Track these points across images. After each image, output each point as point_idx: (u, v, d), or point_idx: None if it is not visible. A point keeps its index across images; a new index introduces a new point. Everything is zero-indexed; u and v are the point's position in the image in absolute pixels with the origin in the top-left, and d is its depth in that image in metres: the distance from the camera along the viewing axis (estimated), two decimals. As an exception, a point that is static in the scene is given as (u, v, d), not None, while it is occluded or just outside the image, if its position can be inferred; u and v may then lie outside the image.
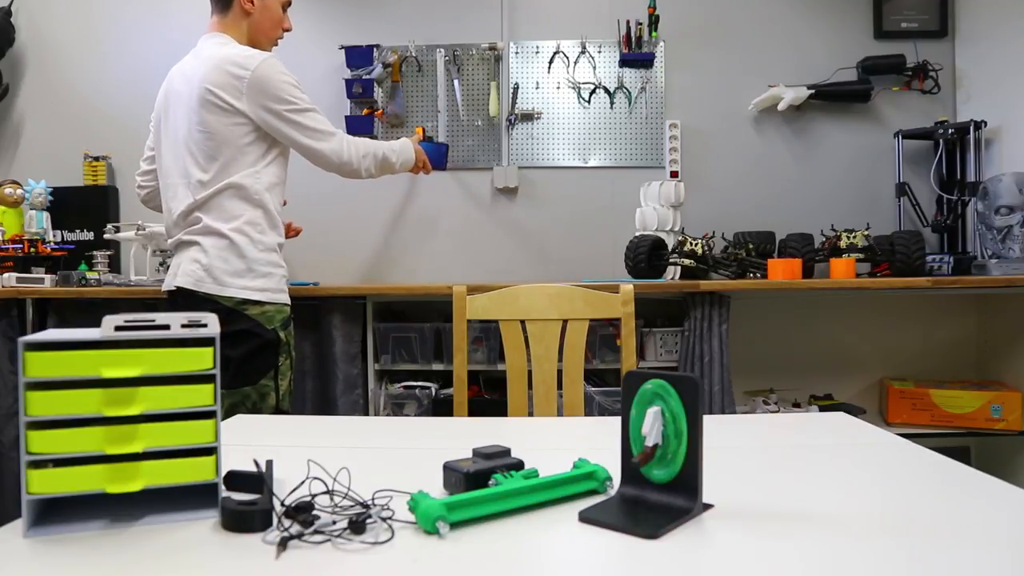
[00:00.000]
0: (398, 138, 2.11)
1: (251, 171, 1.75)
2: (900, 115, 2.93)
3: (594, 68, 2.98)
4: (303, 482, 0.76)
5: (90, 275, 2.56)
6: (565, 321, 1.63)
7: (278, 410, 1.79)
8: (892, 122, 2.93)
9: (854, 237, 2.50)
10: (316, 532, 0.65)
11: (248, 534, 0.66)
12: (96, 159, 2.94)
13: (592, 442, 1.06)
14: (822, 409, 2.66)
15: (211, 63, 1.73)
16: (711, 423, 1.09)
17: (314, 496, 0.73)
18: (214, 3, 1.85)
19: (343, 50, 2.92)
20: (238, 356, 1.72)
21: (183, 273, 1.74)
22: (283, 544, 0.63)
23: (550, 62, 2.99)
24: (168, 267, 1.87)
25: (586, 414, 1.88)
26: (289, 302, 1.85)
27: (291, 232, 2.35)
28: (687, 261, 2.50)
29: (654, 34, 2.93)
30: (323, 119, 1.84)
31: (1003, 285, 2.31)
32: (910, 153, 2.91)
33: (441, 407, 2.44)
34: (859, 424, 1.15)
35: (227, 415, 1.42)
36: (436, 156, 2.85)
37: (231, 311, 1.71)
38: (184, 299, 1.74)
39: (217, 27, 1.84)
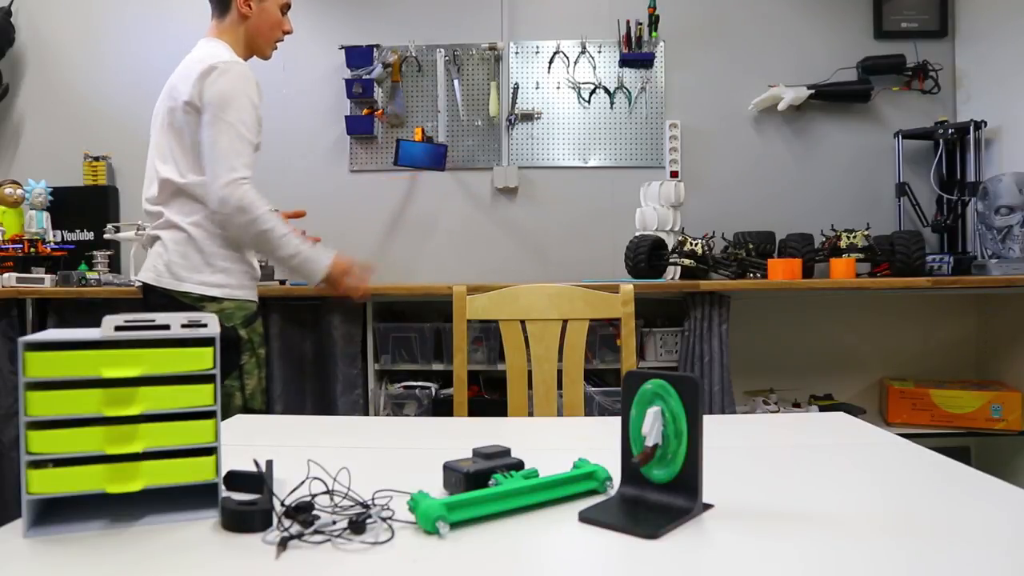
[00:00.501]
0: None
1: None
2: (900, 115, 2.93)
3: (594, 68, 2.98)
4: (303, 482, 0.76)
5: (90, 275, 2.56)
6: (565, 321, 1.63)
7: (247, 410, 1.76)
8: (892, 122, 2.93)
9: (854, 237, 2.50)
10: (316, 532, 0.65)
11: (248, 534, 0.66)
12: (96, 159, 2.94)
13: (592, 442, 1.06)
14: (822, 409, 2.66)
15: (196, 68, 1.71)
16: (711, 423, 1.09)
17: (314, 496, 0.73)
18: (213, 6, 1.84)
19: (343, 50, 2.92)
20: None
21: (145, 268, 1.75)
22: (283, 544, 0.63)
23: (550, 62, 2.99)
24: None
25: (586, 414, 1.88)
26: (254, 299, 1.81)
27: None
28: (687, 261, 2.50)
29: (654, 34, 2.93)
30: (246, 154, 1.67)
31: (1003, 285, 2.31)
32: (910, 153, 2.91)
33: (441, 407, 2.44)
34: (859, 424, 1.15)
35: None
36: (434, 157, 2.85)
37: (188, 308, 1.67)
38: (147, 295, 1.73)
39: (214, 31, 1.83)
